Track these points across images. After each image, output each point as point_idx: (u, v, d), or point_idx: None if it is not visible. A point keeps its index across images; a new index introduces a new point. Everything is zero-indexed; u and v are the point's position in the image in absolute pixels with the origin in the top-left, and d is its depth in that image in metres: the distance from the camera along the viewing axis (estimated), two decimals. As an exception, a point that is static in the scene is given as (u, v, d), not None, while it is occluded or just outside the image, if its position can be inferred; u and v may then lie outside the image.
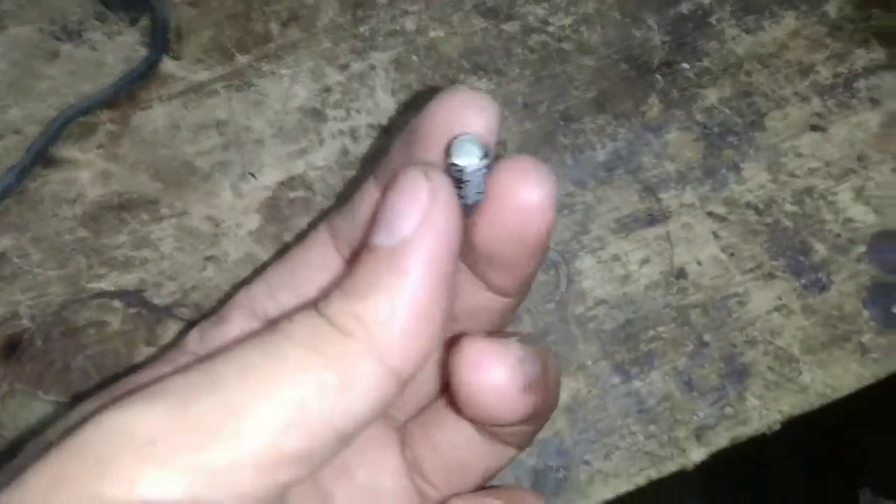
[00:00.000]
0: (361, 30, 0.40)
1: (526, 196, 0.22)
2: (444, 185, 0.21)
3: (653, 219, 0.37)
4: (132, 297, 0.36)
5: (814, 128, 0.38)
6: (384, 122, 0.39)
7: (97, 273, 0.36)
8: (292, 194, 0.37)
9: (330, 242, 0.26)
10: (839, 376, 0.34)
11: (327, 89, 0.39)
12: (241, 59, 0.40)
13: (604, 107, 0.39)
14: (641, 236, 0.37)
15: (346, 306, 0.20)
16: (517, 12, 0.40)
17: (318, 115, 0.39)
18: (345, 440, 0.20)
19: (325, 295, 0.21)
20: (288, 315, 0.21)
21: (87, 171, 0.38)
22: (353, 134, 0.38)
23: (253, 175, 0.38)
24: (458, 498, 0.26)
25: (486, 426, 0.25)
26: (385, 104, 0.39)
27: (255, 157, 0.38)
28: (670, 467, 0.33)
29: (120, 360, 0.35)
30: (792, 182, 0.37)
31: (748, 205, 0.37)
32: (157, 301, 0.36)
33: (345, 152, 0.38)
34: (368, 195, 0.24)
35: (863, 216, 0.36)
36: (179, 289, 0.36)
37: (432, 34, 0.40)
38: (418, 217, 0.20)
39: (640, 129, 0.38)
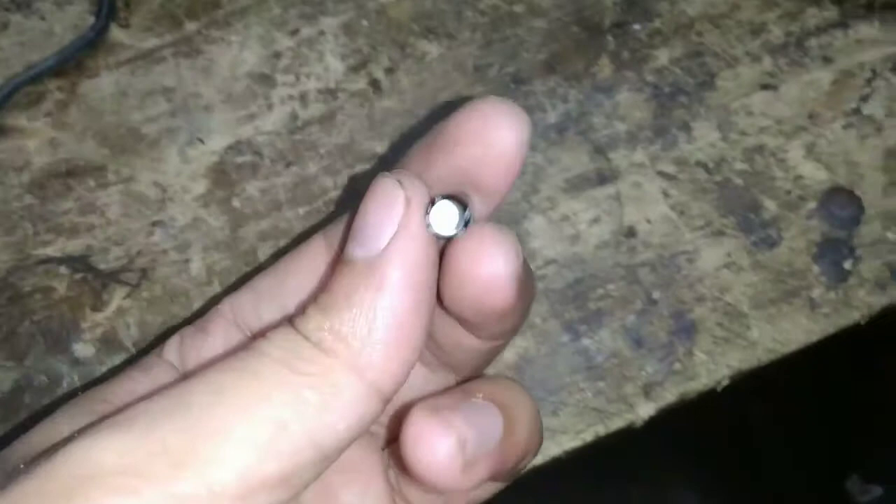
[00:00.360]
0: (311, -5, 0.40)
1: (487, 270, 0.21)
2: (420, 194, 0.20)
3: (603, 178, 0.37)
4: (78, 263, 0.36)
5: (765, 87, 0.38)
6: (333, 86, 0.38)
7: (44, 239, 0.36)
8: (240, 159, 0.37)
9: (325, 253, 0.25)
10: (788, 331, 0.34)
11: (277, 55, 0.39)
12: (190, 27, 0.39)
13: (555, 69, 0.38)
14: (591, 196, 0.36)
15: (323, 322, 0.20)
16: (468, -24, 0.40)
17: (267, 80, 0.38)
18: (327, 459, 0.20)
19: (301, 310, 0.20)
20: (263, 332, 0.20)
21: (34, 140, 0.38)
22: (303, 99, 0.38)
23: (201, 140, 0.37)
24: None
25: None
26: (335, 69, 0.39)
27: (203, 123, 0.38)
28: (618, 423, 0.33)
29: (66, 324, 0.35)
30: (742, 140, 0.37)
31: (698, 163, 0.37)
32: (103, 266, 0.36)
33: (294, 117, 0.38)
34: None
35: (813, 173, 0.36)
36: (126, 254, 0.36)
37: (383, -1, 0.40)
38: (394, 227, 0.20)
39: (591, 90, 0.38)
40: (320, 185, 0.37)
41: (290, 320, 0.20)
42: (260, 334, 0.21)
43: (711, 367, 0.34)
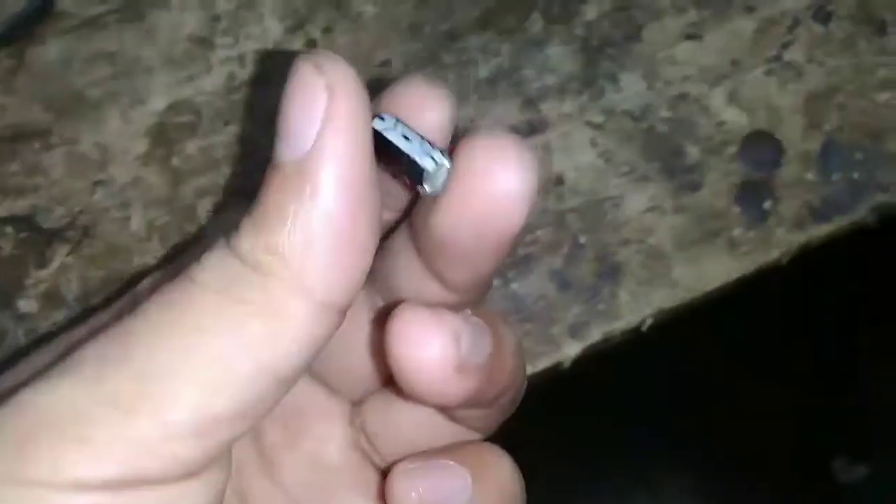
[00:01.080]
0: (249, -41, 0.41)
1: (500, 183, 0.19)
2: (341, 76, 0.18)
3: (533, 129, 0.38)
4: (23, 223, 0.37)
5: (689, 37, 0.39)
6: (271, 47, 0.39)
7: (-10, 201, 0.37)
8: (179, 119, 0.38)
9: None
10: (709, 270, 0.35)
11: (216, 18, 0.40)
12: (132, -7, 0.40)
13: (487, 25, 0.39)
14: (521, 146, 0.37)
15: (257, 240, 0.18)
16: (402, -63, 0.41)
17: (206, 43, 0.39)
18: (286, 383, 0.18)
19: (235, 224, 0.18)
20: (198, 254, 0.19)
21: (-18, 106, 0.39)
22: (241, 60, 0.39)
23: (142, 102, 0.38)
24: (408, 461, 0.24)
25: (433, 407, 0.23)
26: (273, 30, 0.40)
27: (145, 85, 0.39)
28: (545, 363, 0.34)
29: (10, 282, 0.36)
30: (667, 89, 0.38)
31: (625, 112, 0.38)
32: (46, 225, 0.37)
33: (232, 78, 0.39)
34: None
35: (735, 118, 0.37)
36: (68, 212, 0.37)
37: (320, -39, 0.41)
38: (319, 121, 0.17)
39: (523, 44, 0.39)
40: (257, 143, 0.38)
41: (225, 239, 0.18)
42: (194, 257, 0.19)
43: (634, 306, 0.35)
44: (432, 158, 0.19)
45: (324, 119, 0.17)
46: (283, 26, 0.40)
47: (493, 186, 0.19)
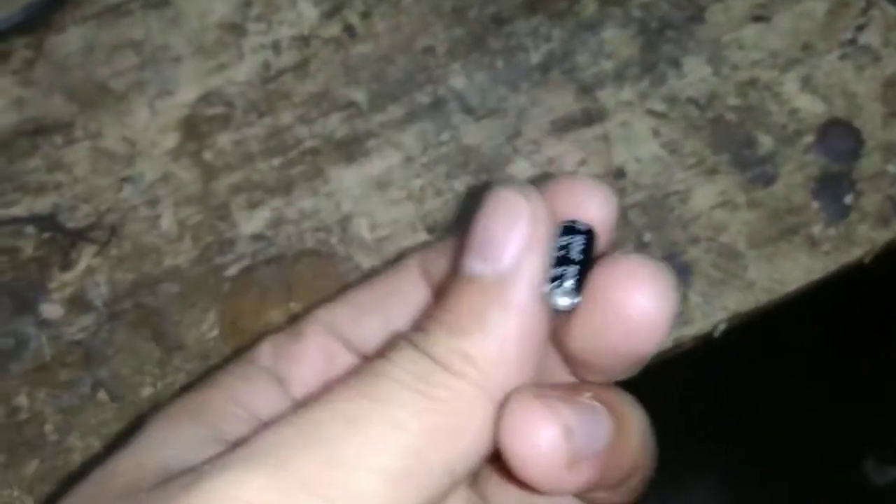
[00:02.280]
0: (282, -60, 0.38)
1: (637, 308, 0.20)
2: (543, 205, 0.20)
3: (590, 119, 0.35)
4: (45, 222, 0.34)
5: (757, 18, 0.36)
6: (306, 33, 0.37)
7: (10, 199, 0.35)
8: (211, 111, 0.36)
9: (421, 277, 0.25)
10: (787, 270, 0.32)
11: (247, 3, 0.37)
12: (158, -23, 0.38)
13: (537, 7, 0.37)
14: (578, 137, 0.35)
15: (451, 343, 0.19)
16: (444, -85, 0.38)
17: (238, 29, 0.37)
18: (459, 481, 0.19)
19: (418, 327, 0.20)
20: (382, 351, 0.20)
21: (1, 99, 0.36)
22: (275, 47, 0.37)
23: (170, 93, 0.36)
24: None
25: None
26: (308, 15, 0.37)
27: (173, 75, 0.36)
28: (610, 371, 0.32)
29: (33, 285, 0.34)
30: (735, 75, 0.35)
31: (689, 100, 0.35)
32: (71, 225, 0.34)
33: (266, 66, 0.36)
34: None
35: (810, 106, 0.35)
36: (94, 211, 0.34)
37: (357, -58, 0.38)
38: (522, 243, 0.19)
39: (575, 28, 0.36)
40: (294, 135, 0.35)
41: (410, 339, 0.20)
42: (378, 354, 0.20)
43: (707, 309, 0.32)
44: (569, 288, 0.20)
45: (527, 242, 0.19)
46: (319, 11, 0.37)
47: (630, 317, 0.20)
